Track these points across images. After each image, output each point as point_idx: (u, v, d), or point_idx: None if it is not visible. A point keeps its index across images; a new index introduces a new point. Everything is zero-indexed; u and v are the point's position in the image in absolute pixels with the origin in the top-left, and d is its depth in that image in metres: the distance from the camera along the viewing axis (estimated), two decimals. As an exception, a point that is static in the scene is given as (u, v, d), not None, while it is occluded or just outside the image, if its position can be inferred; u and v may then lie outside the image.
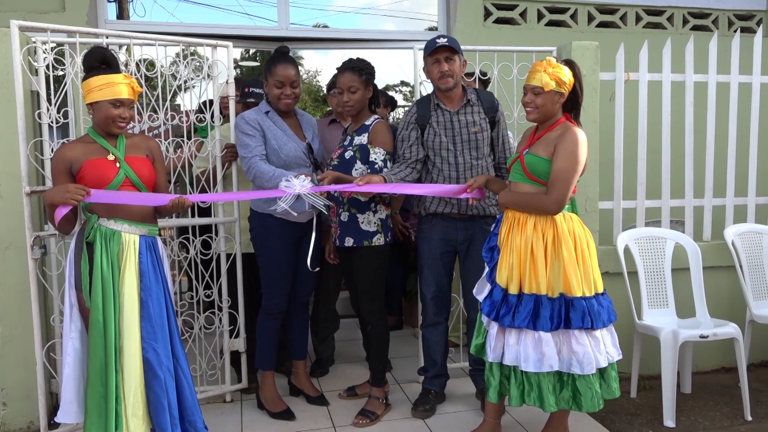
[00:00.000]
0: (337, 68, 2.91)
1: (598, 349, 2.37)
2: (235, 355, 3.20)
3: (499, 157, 2.96)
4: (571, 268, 2.34)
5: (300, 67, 2.99)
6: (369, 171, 2.81)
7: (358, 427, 2.87)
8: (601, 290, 2.44)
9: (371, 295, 2.94)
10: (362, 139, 2.85)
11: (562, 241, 2.36)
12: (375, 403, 2.98)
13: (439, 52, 2.77)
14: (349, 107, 2.88)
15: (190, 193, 2.99)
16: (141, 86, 2.45)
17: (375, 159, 2.82)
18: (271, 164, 2.82)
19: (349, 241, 2.85)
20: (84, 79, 2.27)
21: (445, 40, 2.77)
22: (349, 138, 2.92)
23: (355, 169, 2.83)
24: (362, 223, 2.84)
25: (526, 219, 2.42)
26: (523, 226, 2.41)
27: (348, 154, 2.85)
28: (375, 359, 3.02)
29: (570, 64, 2.44)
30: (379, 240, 2.86)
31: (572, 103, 2.47)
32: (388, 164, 2.85)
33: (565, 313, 2.34)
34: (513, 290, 2.40)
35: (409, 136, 2.87)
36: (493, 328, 2.47)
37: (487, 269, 2.54)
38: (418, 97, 3.19)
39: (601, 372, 2.42)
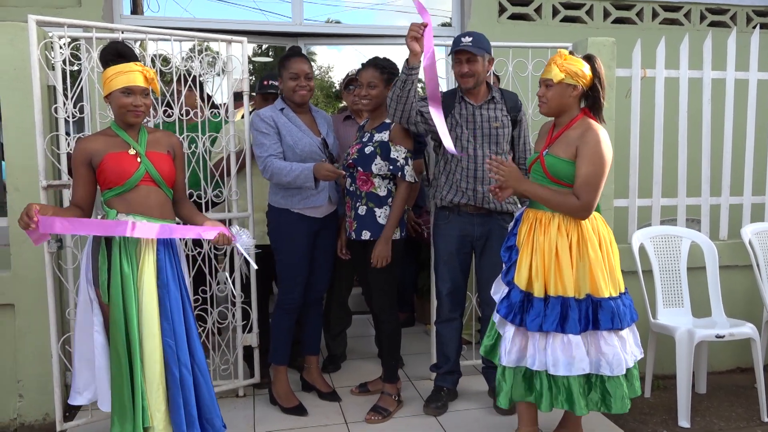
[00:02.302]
0: (362, 64, 2.96)
1: (625, 349, 2.34)
2: (247, 350, 3.21)
3: (519, 157, 2.96)
4: (598, 269, 2.29)
5: (312, 63, 3.00)
6: (390, 167, 2.83)
7: (370, 423, 2.87)
8: (623, 289, 2.40)
9: (383, 290, 2.94)
10: (383, 136, 2.87)
11: (587, 241, 2.30)
12: (387, 399, 2.98)
13: (461, 53, 2.77)
14: (366, 101, 2.90)
15: (205, 188, 3.01)
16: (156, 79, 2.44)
17: (396, 156, 2.83)
18: (287, 161, 2.83)
19: (366, 235, 2.86)
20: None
21: (470, 40, 2.75)
22: (367, 134, 2.93)
23: (375, 164, 2.84)
24: (379, 217, 2.85)
25: (550, 219, 2.35)
26: (546, 226, 2.35)
27: (368, 150, 2.86)
28: (387, 355, 3.02)
29: (589, 58, 2.37)
30: (395, 234, 2.87)
31: (593, 100, 2.39)
32: (409, 162, 2.86)
33: (593, 314, 2.29)
34: (538, 293, 2.33)
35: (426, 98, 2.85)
36: (509, 331, 2.40)
37: (504, 269, 2.48)
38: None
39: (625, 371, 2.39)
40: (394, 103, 2.71)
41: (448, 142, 2.58)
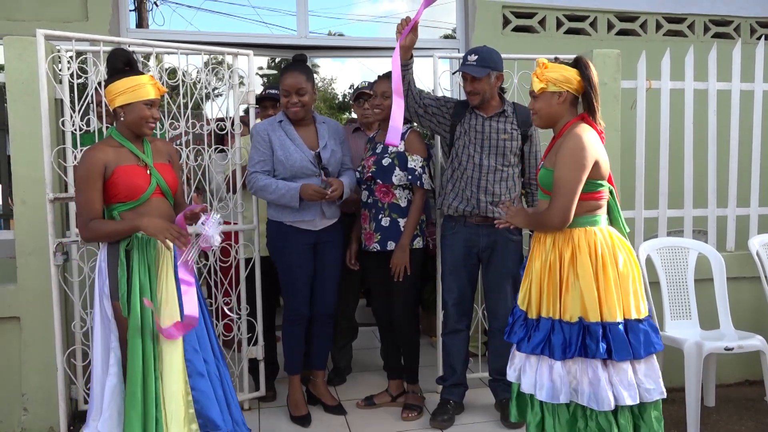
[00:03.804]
0: (379, 76, 3.07)
1: (623, 383, 2.10)
2: (253, 363, 3.20)
3: (530, 173, 2.96)
4: (586, 289, 2.11)
5: (316, 75, 3.04)
6: (409, 177, 2.90)
7: (406, 420, 2.99)
8: (640, 315, 2.16)
9: (405, 299, 3.00)
10: (399, 147, 2.92)
11: (577, 259, 2.15)
12: (415, 397, 3.12)
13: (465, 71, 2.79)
14: (378, 110, 3.01)
15: (210, 202, 3.03)
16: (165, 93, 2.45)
17: (414, 166, 2.91)
18: (278, 175, 2.86)
19: (391, 245, 2.93)
20: (109, 82, 2.22)
21: (475, 59, 2.77)
22: (380, 146, 2.98)
23: (395, 176, 2.91)
24: (403, 227, 2.93)
25: (546, 237, 2.25)
26: (542, 243, 2.25)
27: (386, 161, 2.93)
28: (408, 359, 3.13)
29: (576, 62, 2.24)
30: (418, 243, 2.98)
31: (587, 103, 2.28)
32: (426, 170, 2.93)
33: (582, 340, 2.12)
34: (532, 314, 2.23)
35: (440, 98, 2.98)
36: (513, 347, 2.35)
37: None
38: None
39: (641, 411, 2.16)
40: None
41: (393, 131, 2.43)
